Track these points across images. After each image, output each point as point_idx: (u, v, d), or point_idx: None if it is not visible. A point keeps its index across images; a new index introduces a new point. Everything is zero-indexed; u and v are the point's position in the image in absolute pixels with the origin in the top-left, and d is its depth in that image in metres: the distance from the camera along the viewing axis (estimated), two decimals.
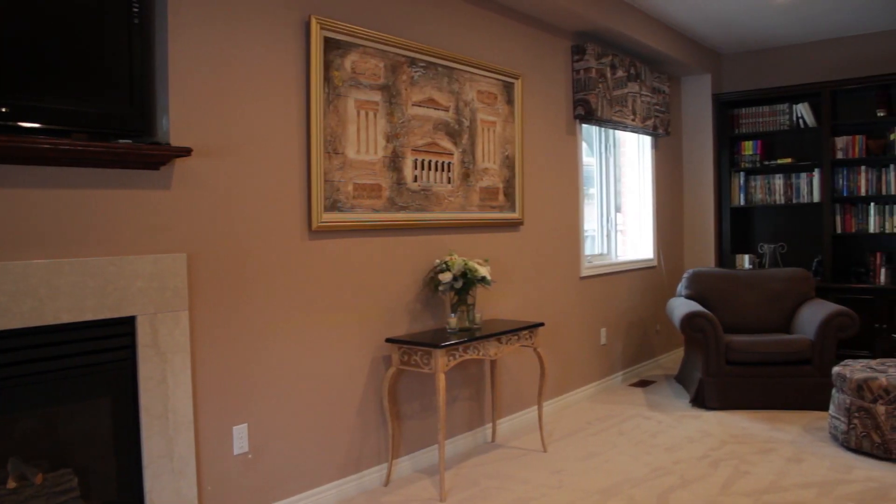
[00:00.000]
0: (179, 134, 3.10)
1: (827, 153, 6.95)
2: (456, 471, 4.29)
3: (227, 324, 3.32)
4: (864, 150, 6.85)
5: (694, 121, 7.59)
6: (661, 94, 6.75)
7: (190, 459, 3.12)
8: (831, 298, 6.67)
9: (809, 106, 7.10)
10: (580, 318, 5.87)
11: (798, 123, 7.18)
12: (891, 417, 4.29)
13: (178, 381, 3.07)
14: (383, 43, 4.00)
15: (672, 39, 6.61)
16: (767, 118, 7.34)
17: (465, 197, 4.60)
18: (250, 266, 3.41)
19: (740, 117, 7.47)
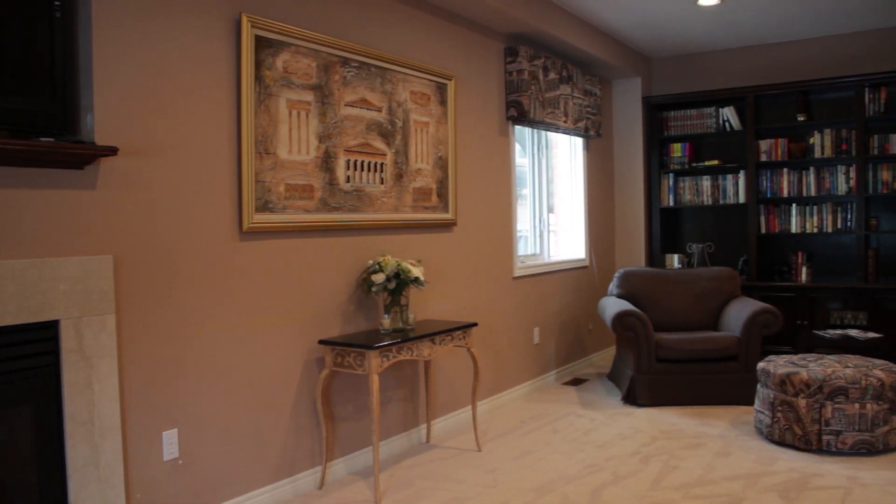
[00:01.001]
0: (105, 132, 3.02)
1: (751, 156, 7.15)
2: (391, 472, 4.27)
3: (156, 327, 3.24)
4: (786, 152, 7.07)
5: (624, 123, 7.72)
6: (593, 96, 6.85)
7: (117, 467, 3.04)
8: (756, 296, 6.87)
9: (735, 110, 7.30)
10: (513, 317, 5.92)
11: (724, 126, 7.36)
12: (811, 410, 4.44)
13: (104, 386, 2.99)
14: (316, 42, 3.97)
15: (603, 43, 6.72)
16: (695, 121, 7.51)
17: (398, 198, 4.59)
18: (180, 268, 3.35)
19: (669, 120, 7.63)
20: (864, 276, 6.70)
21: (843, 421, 4.39)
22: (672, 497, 3.81)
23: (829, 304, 6.78)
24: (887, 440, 4.41)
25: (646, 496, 3.83)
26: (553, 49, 6.27)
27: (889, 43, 6.86)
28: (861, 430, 4.37)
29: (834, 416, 4.40)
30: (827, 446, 4.41)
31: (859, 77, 6.67)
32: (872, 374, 4.43)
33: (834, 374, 4.46)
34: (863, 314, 6.53)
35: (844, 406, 4.39)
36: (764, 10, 6.22)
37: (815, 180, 6.99)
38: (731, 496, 3.80)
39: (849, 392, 4.38)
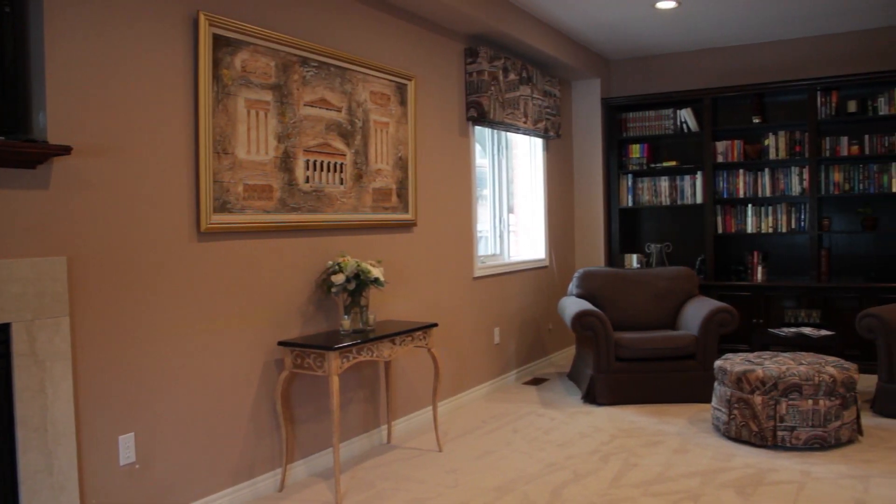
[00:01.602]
0: (59, 131, 2.97)
1: (708, 157, 7.26)
2: (352, 473, 4.26)
3: (112, 329, 3.19)
4: (742, 154, 7.18)
5: (584, 124, 7.78)
6: (553, 97, 6.89)
7: (72, 473, 2.99)
8: (713, 295, 6.98)
9: (692, 111, 7.40)
10: (474, 318, 5.93)
11: (682, 128, 7.46)
12: (767, 407, 4.51)
13: (58, 390, 2.93)
14: (274, 41, 3.94)
15: (563, 44, 6.76)
16: (653, 122, 7.60)
17: (357, 198, 4.58)
18: (136, 269, 3.30)
19: (628, 121, 7.71)
20: (817, 276, 6.83)
21: (797, 417, 4.47)
22: (631, 495, 3.85)
23: (783, 302, 6.90)
24: (839, 435, 4.50)
25: (606, 494, 3.86)
26: (513, 50, 6.30)
27: (840, 48, 7.01)
28: (814, 426, 4.46)
29: (788, 412, 4.48)
30: (782, 442, 4.49)
31: (811, 81, 6.80)
32: (825, 371, 4.52)
33: (788, 371, 4.54)
34: (816, 312, 6.65)
35: (798, 402, 4.47)
36: (720, 14, 6.32)
37: (769, 181, 7.12)
38: (688, 492, 3.85)
39: (802, 389, 4.47)
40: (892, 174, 6.67)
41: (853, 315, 6.10)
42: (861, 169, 6.78)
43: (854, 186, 6.81)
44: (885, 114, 6.65)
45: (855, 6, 6.16)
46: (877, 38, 6.90)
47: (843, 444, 4.56)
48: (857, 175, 6.80)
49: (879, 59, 6.88)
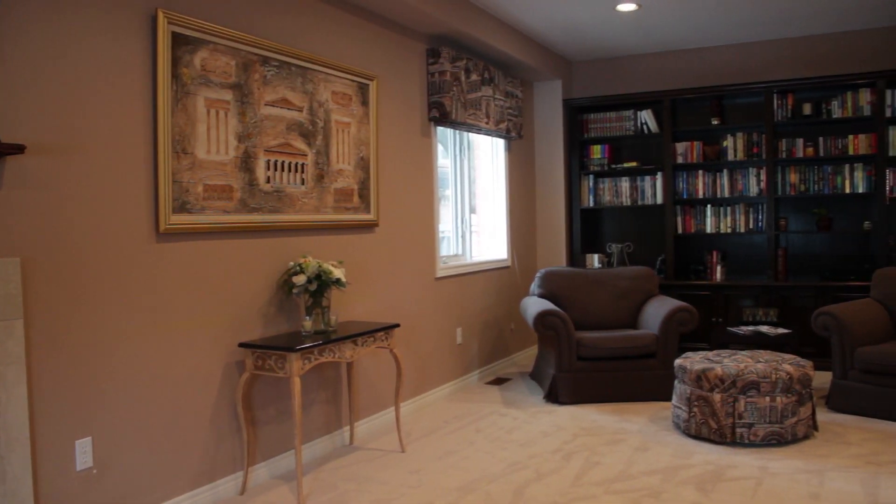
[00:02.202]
0: (12, 129, 2.91)
1: (668, 158, 7.34)
2: (314, 475, 4.23)
3: (68, 332, 3.14)
4: (701, 155, 7.28)
5: (546, 125, 7.82)
6: (514, 98, 6.92)
7: (26, 479, 2.93)
8: (673, 295, 7.05)
9: (652, 113, 7.48)
10: (436, 318, 5.93)
11: (642, 129, 7.54)
12: (725, 404, 4.58)
13: (11, 395, 2.87)
14: (235, 40, 3.90)
15: (524, 45, 6.79)
16: (614, 124, 7.67)
17: (319, 198, 4.55)
18: (93, 271, 3.24)
19: (589, 122, 7.77)
20: (774, 275, 6.94)
21: (755, 414, 4.54)
22: (593, 492, 3.87)
23: (742, 301, 7.01)
24: (795, 431, 4.58)
25: (568, 492, 3.89)
26: (475, 51, 6.32)
27: (795, 52, 7.14)
28: (772, 422, 4.53)
29: (747, 409, 4.55)
30: (740, 439, 4.56)
31: (768, 84, 6.92)
32: (782, 369, 4.59)
33: (746, 369, 4.61)
34: (773, 311, 6.76)
35: (756, 400, 4.54)
36: (680, 17, 6.39)
37: (728, 182, 7.22)
38: (649, 490, 3.89)
39: (760, 386, 4.54)
40: (845, 176, 6.81)
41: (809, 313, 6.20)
42: (816, 170, 6.91)
43: (809, 187, 6.93)
44: (838, 117, 6.79)
45: (809, 12, 6.28)
46: (830, 42, 7.04)
47: (800, 440, 4.64)
48: (812, 176, 6.92)
49: (833, 63, 7.02)
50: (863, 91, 6.71)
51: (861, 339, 5.28)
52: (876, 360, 5.07)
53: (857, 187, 6.78)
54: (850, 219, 7.01)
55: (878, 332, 5.45)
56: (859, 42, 6.96)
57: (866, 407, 5.16)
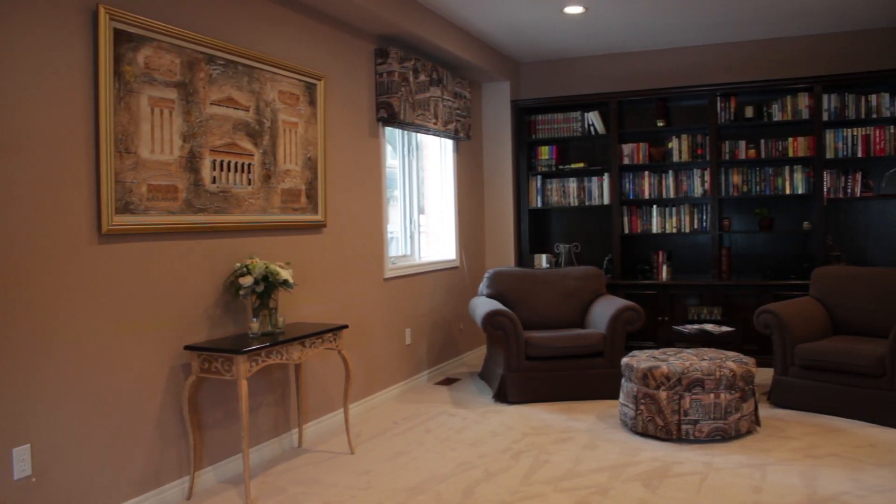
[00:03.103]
0: None
1: (615, 159, 7.43)
2: (262, 479, 4.19)
3: (4, 336, 3.05)
4: (647, 156, 7.39)
5: (494, 126, 7.86)
6: (463, 99, 6.93)
7: None
8: (620, 294, 7.15)
9: (599, 114, 7.57)
10: (385, 319, 5.92)
11: (589, 130, 7.62)
12: (671, 402, 4.65)
13: None
14: (179, 38, 3.84)
15: (473, 47, 6.81)
16: (562, 125, 7.74)
17: (266, 199, 4.51)
18: (32, 273, 3.16)
19: (537, 123, 7.83)
20: (718, 274, 7.08)
21: (700, 411, 4.62)
22: (542, 491, 3.90)
23: (687, 300, 7.13)
24: (739, 427, 4.68)
25: (517, 491, 3.91)
26: (423, 51, 6.32)
27: (738, 56, 7.29)
28: (716, 419, 4.62)
29: (692, 406, 4.62)
30: (686, 435, 4.63)
31: (712, 87, 7.06)
32: (726, 366, 4.68)
33: (692, 366, 4.69)
34: (717, 309, 6.90)
35: (701, 396, 4.62)
36: (626, 20, 6.48)
37: (673, 183, 7.34)
38: (597, 487, 3.93)
39: (705, 383, 4.62)
40: (785, 177, 6.97)
41: (752, 311, 6.34)
42: (758, 172, 7.06)
43: (752, 188, 7.09)
44: (778, 119, 6.95)
45: (751, 17, 6.41)
46: (771, 47, 7.21)
47: (743, 436, 4.74)
48: (754, 177, 7.08)
49: (774, 67, 7.19)
50: (801, 95, 6.88)
51: (801, 336, 5.42)
52: (815, 356, 5.20)
53: (796, 188, 6.95)
54: (791, 219, 7.19)
55: (817, 329, 5.59)
56: (798, 48, 7.14)
57: (806, 402, 5.29)
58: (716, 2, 5.99)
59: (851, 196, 6.80)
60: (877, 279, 5.71)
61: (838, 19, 6.57)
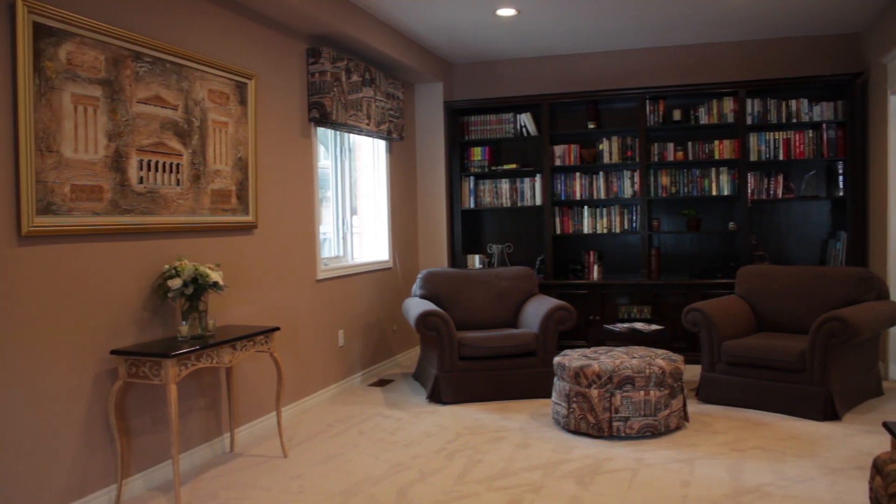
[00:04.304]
0: None
1: (547, 160, 7.51)
2: (193, 485, 4.10)
3: None
4: (578, 158, 7.48)
5: (427, 127, 7.86)
6: (396, 99, 6.92)
7: None
8: (553, 294, 7.22)
9: (532, 116, 7.63)
10: (317, 320, 5.86)
11: (522, 132, 7.68)
12: (603, 399, 4.72)
13: None
14: (104, 34, 3.73)
15: (406, 47, 6.80)
16: (494, 126, 7.78)
17: (195, 200, 4.42)
18: None
19: (470, 124, 7.85)
20: (648, 273, 7.21)
21: (631, 408, 4.70)
22: (476, 490, 3.91)
23: (618, 299, 7.24)
24: (668, 423, 4.77)
25: (451, 491, 3.91)
26: (356, 52, 6.28)
27: (666, 60, 7.45)
28: (646, 415, 4.70)
29: (623, 403, 4.70)
30: (617, 432, 4.71)
31: (641, 90, 7.19)
32: (655, 364, 4.77)
33: (622, 364, 4.76)
34: (647, 308, 7.03)
35: (631, 394, 4.70)
36: (558, 23, 6.55)
37: (604, 184, 7.45)
38: (531, 485, 3.96)
39: (635, 381, 4.70)
40: (712, 179, 7.15)
41: (680, 310, 6.49)
42: (686, 173, 7.22)
43: (680, 189, 7.24)
44: (705, 123, 7.12)
45: (679, 24, 6.55)
46: (699, 53, 7.38)
47: (672, 431, 4.84)
48: (682, 179, 7.23)
49: (701, 72, 7.37)
50: (726, 99, 7.06)
51: (727, 333, 5.56)
52: (740, 352, 5.35)
53: (722, 190, 7.13)
54: (717, 219, 7.37)
55: (742, 327, 5.75)
56: (724, 54, 7.33)
57: (732, 397, 5.43)
58: (645, 8, 6.10)
59: (774, 197, 7.01)
60: (798, 277, 5.90)
61: (761, 27, 6.77)
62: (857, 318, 5.00)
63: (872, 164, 6.57)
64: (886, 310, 5.39)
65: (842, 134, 6.80)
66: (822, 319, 5.01)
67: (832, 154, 6.83)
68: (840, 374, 5.11)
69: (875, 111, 6.49)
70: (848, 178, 6.76)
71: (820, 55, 7.12)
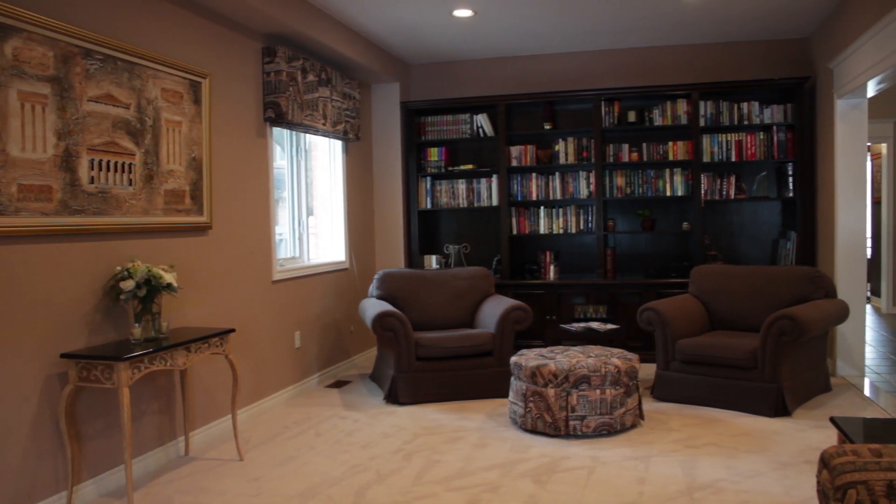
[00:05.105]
0: None
1: (503, 161, 7.54)
2: (146, 490, 4.04)
3: None
4: (534, 158, 7.52)
5: (383, 127, 7.84)
6: (352, 99, 6.89)
7: None
8: (509, 294, 7.25)
9: (488, 117, 7.65)
10: (273, 322, 5.81)
11: (478, 133, 7.70)
12: (559, 399, 4.75)
13: None
14: (52, 29, 3.65)
15: (362, 47, 6.78)
16: (451, 127, 7.78)
17: (148, 200, 4.35)
18: None
19: (426, 125, 7.85)
20: (603, 273, 7.28)
21: (587, 406, 4.73)
22: (434, 490, 3.91)
23: (574, 299, 7.30)
24: (624, 421, 4.82)
25: (409, 492, 3.91)
26: (312, 51, 6.24)
27: (621, 62, 7.53)
28: (602, 414, 4.74)
29: (579, 402, 4.73)
30: (573, 431, 4.74)
31: (597, 91, 7.25)
32: (611, 363, 4.82)
33: (578, 364, 4.80)
34: (603, 308, 7.09)
35: (588, 393, 4.73)
36: (514, 25, 6.58)
37: (560, 185, 7.50)
38: (488, 485, 3.97)
39: (591, 380, 4.74)
40: (666, 179, 7.24)
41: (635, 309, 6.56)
42: (640, 174, 7.30)
43: (635, 190, 7.32)
44: (659, 124, 7.21)
45: (634, 26, 6.63)
46: (653, 55, 7.48)
47: (628, 429, 4.89)
48: (637, 180, 7.32)
49: (655, 74, 7.47)
50: (680, 101, 7.16)
51: (681, 332, 5.64)
52: (694, 351, 5.42)
53: (676, 190, 7.22)
54: (671, 220, 7.47)
55: (696, 325, 5.83)
56: (678, 56, 7.44)
57: (686, 395, 5.50)
58: (601, 10, 6.16)
59: (726, 198, 7.13)
60: (750, 276, 6.01)
61: (714, 32, 6.88)
62: (807, 316, 5.10)
63: (820, 165, 6.72)
64: (834, 308, 5.51)
65: (791, 136, 6.94)
66: (773, 318, 5.11)
67: (782, 156, 6.96)
68: (790, 371, 5.21)
69: (823, 114, 6.64)
70: (797, 179, 6.90)
71: (770, 59, 7.26)
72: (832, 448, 2.27)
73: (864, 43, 5.42)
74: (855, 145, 6.19)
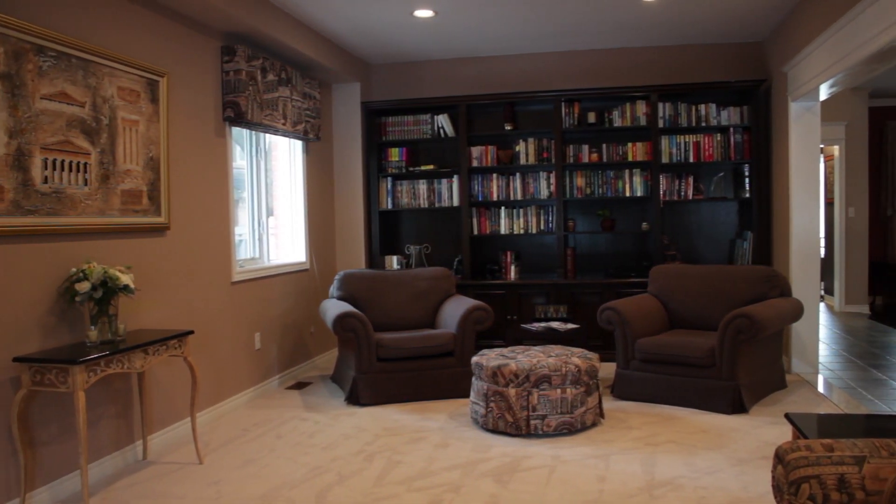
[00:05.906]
0: None
1: (464, 161, 7.55)
2: (103, 495, 3.97)
3: None
4: (495, 159, 7.55)
5: (344, 127, 7.81)
6: (313, 99, 6.85)
7: None
8: (470, 294, 7.26)
9: (449, 117, 7.66)
10: (233, 323, 5.76)
11: (439, 133, 7.70)
12: (520, 398, 4.77)
13: None
14: (2, 25, 3.57)
15: (323, 47, 6.74)
16: (412, 127, 7.78)
17: (104, 200, 4.28)
18: None
19: (387, 125, 7.83)
20: (564, 273, 7.32)
21: (548, 406, 4.76)
22: (396, 491, 3.90)
23: (534, 299, 7.33)
24: (584, 420, 4.85)
25: (370, 493, 3.89)
26: (272, 50, 6.19)
27: (581, 64, 7.59)
28: (563, 413, 4.77)
29: (540, 402, 4.76)
30: (535, 430, 4.76)
31: (557, 92, 7.30)
32: (571, 362, 4.85)
33: (539, 363, 4.82)
34: (563, 307, 7.13)
35: (548, 392, 4.76)
36: (475, 26, 6.60)
37: (521, 185, 7.54)
38: (450, 485, 3.97)
39: (552, 379, 4.76)
40: (626, 180, 7.31)
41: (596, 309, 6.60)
42: (600, 175, 7.36)
43: (595, 191, 7.38)
44: (618, 125, 7.28)
45: (594, 28, 6.68)
46: (612, 57, 7.55)
47: (588, 428, 4.92)
48: (597, 180, 7.37)
49: (615, 75, 7.54)
50: (639, 103, 7.24)
51: (641, 331, 5.69)
52: (653, 349, 5.48)
53: (636, 191, 7.29)
54: (631, 220, 7.55)
55: (655, 324, 5.89)
56: (637, 58, 7.51)
57: (646, 393, 5.56)
58: (561, 12, 6.20)
59: (685, 198, 7.22)
60: (707, 276, 6.09)
61: (672, 34, 6.96)
62: (763, 314, 5.19)
63: (776, 166, 6.84)
64: (789, 306, 5.61)
65: (747, 138, 7.05)
66: (731, 316, 5.18)
67: (739, 157, 7.07)
68: (747, 369, 5.29)
69: (777, 116, 6.75)
70: (753, 180, 7.01)
71: (727, 62, 7.36)
72: (787, 444, 2.31)
73: (816, 48, 5.52)
74: (808, 147, 6.31)
